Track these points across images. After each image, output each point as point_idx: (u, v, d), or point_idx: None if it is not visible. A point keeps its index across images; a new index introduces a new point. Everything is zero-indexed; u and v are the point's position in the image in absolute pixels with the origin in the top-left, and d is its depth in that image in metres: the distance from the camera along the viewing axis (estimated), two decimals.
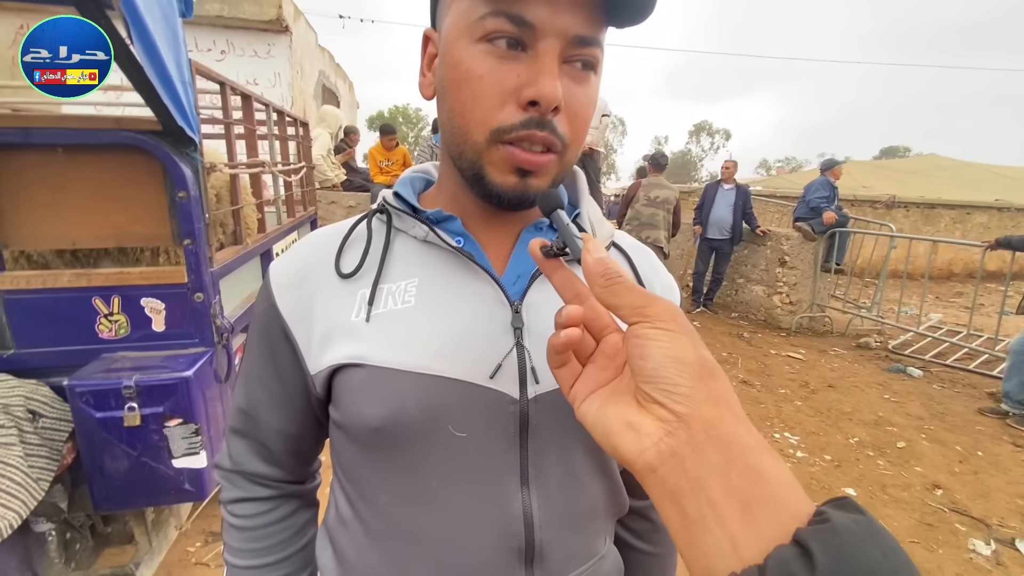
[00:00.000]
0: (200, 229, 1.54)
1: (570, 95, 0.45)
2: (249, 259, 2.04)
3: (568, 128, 0.46)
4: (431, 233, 0.52)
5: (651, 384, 0.32)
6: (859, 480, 2.84)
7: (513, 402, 0.50)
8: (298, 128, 3.23)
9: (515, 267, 0.55)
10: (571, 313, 0.37)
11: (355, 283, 0.53)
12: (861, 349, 5.13)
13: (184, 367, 1.45)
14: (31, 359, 1.50)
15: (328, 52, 8.02)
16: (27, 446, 1.41)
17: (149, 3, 1.26)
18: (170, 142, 1.46)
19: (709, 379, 0.31)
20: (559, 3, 0.42)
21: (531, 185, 0.47)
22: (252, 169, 2.12)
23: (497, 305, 0.51)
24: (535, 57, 0.43)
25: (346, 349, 0.50)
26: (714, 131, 50.23)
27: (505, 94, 0.44)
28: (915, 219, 9.41)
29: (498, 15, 0.43)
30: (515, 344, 0.50)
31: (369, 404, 0.49)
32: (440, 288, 0.52)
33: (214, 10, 5.52)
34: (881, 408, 3.75)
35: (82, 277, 1.49)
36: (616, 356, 0.38)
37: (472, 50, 0.45)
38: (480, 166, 0.47)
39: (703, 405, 0.30)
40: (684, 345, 0.32)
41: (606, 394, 0.36)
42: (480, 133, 0.46)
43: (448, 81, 0.47)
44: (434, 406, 0.48)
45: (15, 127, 1.40)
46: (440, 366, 0.49)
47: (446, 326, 0.50)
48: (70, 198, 1.48)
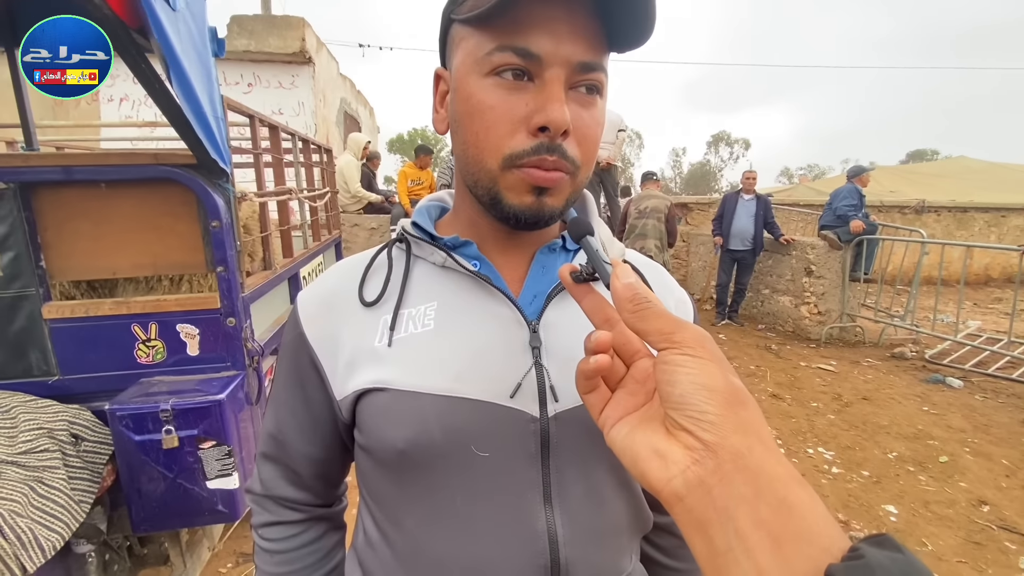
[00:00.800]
0: (232, 256, 1.60)
1: (577, 118, 0.47)
2: (278, 283, 2.10)
3: (578, 150, 0.48)
4: (449, 259, 0.54)
5: (679, 411, 0.32)
6: (900, 497, 2.72)
7: (533, 420, 0.51)
8: (322, 155, 3.33)
9: (531, 287, 0.56)
10: (600, 339, 0.37)
11: (377, 310, 0.55)
12: (896, 359, 4.96)
13: (217, 390, 1.49)
14: (74, 385, 1.57)
15: (349, 80, 8.28)
16: (70, 469, 1.46)
17: (185, 46, 1.33)
18: (204, 174, 1.53)
19: (738, 407, 0.31)
20: (561, 34, 0.45)
21: (546, 204, 0.49)
22: (280, 196, 2.20)
23: (515, 325, 0.53)
24: (542, 86, 0.46)
25: (370, 374, 0.52)
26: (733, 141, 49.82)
27: (515, 122, 0.46)
28: (947, 223, 9.12)
29: (504, 49, 0.45)
30: (533, 363, 0.51)
31: (393, 427, 0.50)
32: (458, 311, 0.54)
33: (241, 46, 5.77)
34: (920, 421, 3.60)
35: (122, 305, 1.56)
36: (646, 382, 0.38)
37: (482, 83, 0.47)
38: (496, 191, 0.49)
39: (731, 433, 0.30)
40: (712, 372, 0.32)
41: (636, 420, 0.36)
42: (494, 160, 0.48)
43: (461, 114, 0.50)
44: (456, 427, 0.50)
45: (67, 165, 1.49)
46: (461, 387, 0.50)
47: (465, 348, 0.52)
48: (111, 230, 1.56)
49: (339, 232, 3.69)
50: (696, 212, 8.51)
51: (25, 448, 1.42)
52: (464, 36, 0.49)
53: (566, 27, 0.45)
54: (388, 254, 0.59)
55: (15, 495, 1.32)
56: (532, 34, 0.45)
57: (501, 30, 0.45)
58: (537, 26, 0.44)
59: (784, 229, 6.15)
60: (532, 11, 0.44)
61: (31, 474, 1.39)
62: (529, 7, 0.44)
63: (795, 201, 9.76)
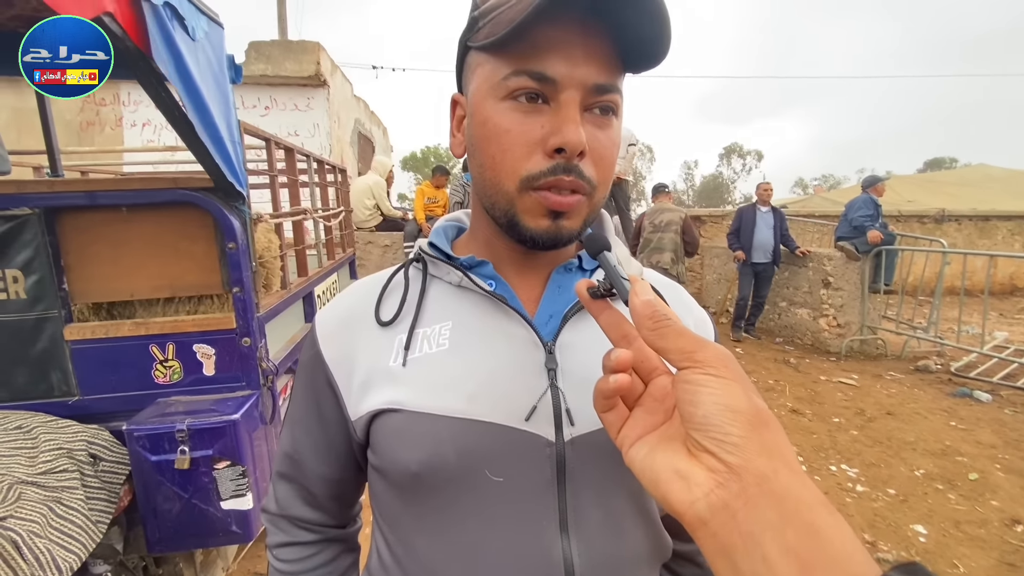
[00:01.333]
0: (248, 277, 1.62)
1: (593, 139, 0.47)
2: (292, 302, 2.13)
3: (594, 171, 0.48)
4: (464, 278, 0.54)
5: (702, 432, 0.31)
6: (928, 516, 2.63)
7: (549, 445, 0.50)
8: (336, 175, 3.39)
9: (547, 308, 0.56)
10: (620, 358, 0.36)
11: (393, 329, 0.55)
12: (920, 373, 4.83)
13: (232, 411, 1.51)
14: (93, 405, 1.59)
15: (363, 101, 8.45)
16: (88, 489, 1.48)
17: (204, 74, 1.38)
18: (220, 197, 1.57)
19: (763, 429, 0.30)
20: (576, 57, 0.45)
21: (563, 227, 0.49)
22: (295, 217, 2.23)
23: (530, 346, 0.52)
24: (558, 108, 0.46)
25: (384, 395, 0.52)
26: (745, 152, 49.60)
27: (532, 144, 0.47)
28: (969, 232, 8.93)
29: (520, 74, 0.46)
30: (549, 385, 0.51)
31: (406, 449, 0.50)
32: (473, 331, 0.53)
33: (259, 70, 5.94)
34: (948, 436, 3.49)
35: (141, 326, 1.59)
36: (665, 400, 0.37)
37: (498, 107, 0.48)
38: (513, 213, 0.50)
39: (756, 456, 0.29)
40: (736, 393, 0.31)
41: (655, 440, 0.36)
42: (511, 182, 0.48)
43: (478, 138, 0.50)
44: (470, 451, 0.49)
45: (90, 190, 1.54)
46: (475, 409, 0.50)
47: (480, 368, 0.51)
48: (130, 253, 1.60)
49: (353, 250, 3.74)
50: (710, 225, 8.45)
51: (45, 468, 1.44)
52: (480, 62, 0.50)
53: (581, 50, 0.45)
54: (405, 274, 0.59)
55: (34, 515, 1.34)
56: (547, 58, 0.45)
57: (517, 55, 0.46)
58: (552, 50, 0.45)
59: (800, 240, 6.09)
60: (547, 35, 0.45)
61: (50, 494, 1.41)
62: (544, 31, 0.45)
63: (810, 212, 9.66)
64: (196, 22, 1.33)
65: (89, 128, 6.13)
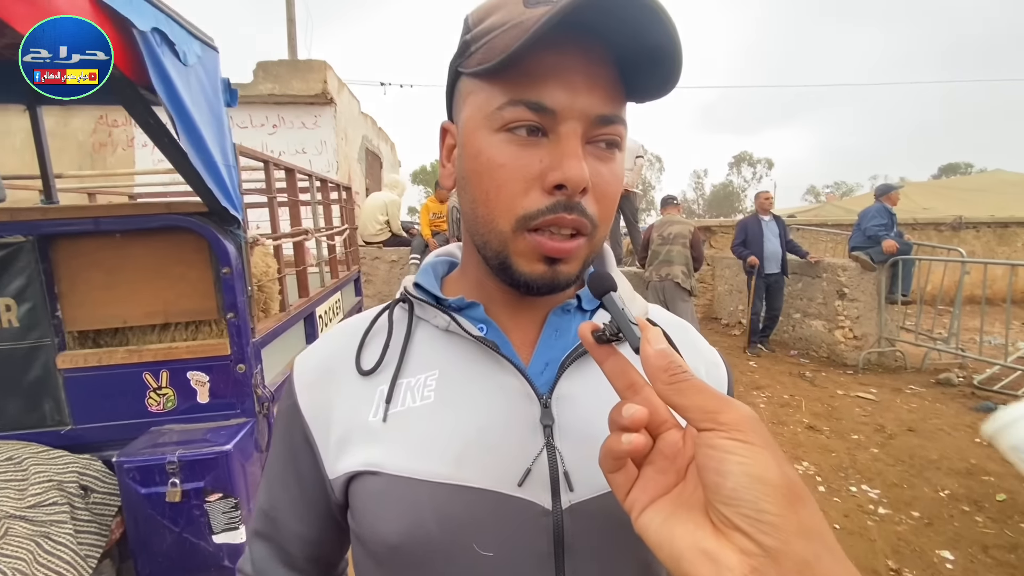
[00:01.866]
0: (243, 302, 1.59)
1: (596, 175, 0.43)
2: (291, 325, 2.09)
3: (597, 208, 0.44)
4: (453, 323, 0.49)
5: (731, 507, 0.28)
6: (955, 540, 2.50)
7: (545, 514, 0.44)
8: (340, 193, 3.38)
9: (542, 354, 0.50)
10: (635, 416, 0.33)
11: (375, 379, 0.50)
12: (942, 386, 4.67)
13: (225, 440, 1.47)
14: (86, 434, 1.57)
15: (370, 118, 8.54)
16: (77, 523, 1.44)
17: (196, 98, 1.36)
18: (215, 221, 1.54)
19: (799, 505, 0.27)
20: (578, 87, 0.41)
21: (560, 272, 0.45)
22: (295, 238, 2.21)
23: (523, 399, 0.47)
24: (557, 141, 0.42)
25: (362, 455, 0.47)
26: (755, 161, 49.38)
27: (529, 180, 0.43)
28: (988, 240, 8.73)
29: (516, 104, 0.42)
30: (545, 444, 0.45)
31: (385, 518, 0.45)
32: (461, 381, 0.48)
33: (266, 89, 6.03)
34: (973, 454, 3.35)
35: (134, 353, 1.56)
36: (677, 458, 0.33)
37: (492, 139, 0.44)
38: (506, 256, 0.45)
39: (795, 538, 0.26)
40: (767, 462, 0.28)
41: (670, 505, 0.32)
42: (505, 222, 0.44)
43: (469, 172, 0.46)
44: (455, 521, 0.44)
45: (83, 217, 1.52)
46: (461, 474, 0.44)
47: (468, 426, 0.46)
48: (124, 279, 1.58)
49: (358, 267, 3.72)
50: (720, 235, 8.35)
51: (34, 502, 1.40)
52: (472, 90, 0.46)
53: (583, 78, 0.42)
54: (389, 316, 0.54)
55: (20, 552, 1.30)
56: (546, 87, 0.41)
57: (512, 83, 0.42)
58: (551, 78, 0.41)
59: (813, 250, 5.98)
60: (546, 62, 0.41)
61: (38, 529, 1.37)
62: (543, 58, 0.41)
63: (823, 221, 9.53)
64: (188, 47, 1.31)
65: (102, 149, 6.24)
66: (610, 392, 0.37)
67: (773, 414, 4.14)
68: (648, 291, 4.94)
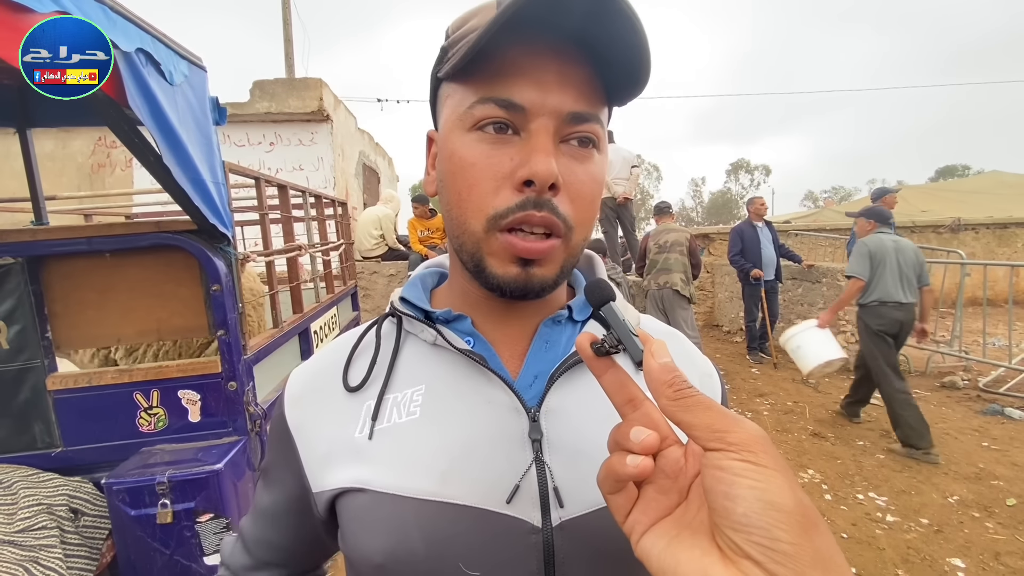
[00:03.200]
0: (233, 319, 1.58)
1: (569, 173, 0.43)
2: (285, 341, 2.08)
3: (571, 208, 0.43)
4: (439, 337, 0.48)
5: (742, 534, 0.26)
6: (966, 548, 2.45)
7: (534, 531, 0.43)
8: (335, 208, 3.39)
9: (531, 367, 0.49)
10: (648, 443, 0.31)
11: (361, 395, 0.49)
12: (947, 389, 4.63)
13: (216, 459, 1.45)
14: (77, 456, 1.55)
15: (368, 134, 8.59)
16: (67, 547, 1.42)
17: (184, 117, 1.36)
18: (204, 239, 1.54)
19: (813, 533, 0.26)
20: (548, 83, 0.41)
21: (535, 275, 0.44)
22: (288, 254, 2.21)
23: (511, 413, 0.45)
24: (528, 138, 0.42)
25: (348, 472, 0.46)
26: (753, 168, 49.57)
27: (499, 179, 0.42)
28: (987, 241, 8.72)
29: (486, 102, 0.42)
30: (534, 459, 0.44)
31: (369, 536, 0.43)
32: (447, 396, 0.47)
33: (263, 108, 6.08)
34: (981, 458, 3.30)
35: (124, 373, 1.55)
36: (679, 476, 0.32)
37: (464, 139, 0.44)
38: (480, 257, 0.45)
39: (810, 569, 0.25)
40: (780, 486, 0.26)
41: (673, 528, 0.31)
42: (477, 222, 0.43)
43: (445, 173, 0.46)
44: (441, 539, 0.42)
45: (72, 237, 1.52)
46: (447, 491, 0.43)
47: (454, 441, 0.45)
48: (116, 298, 1.57)
49: (355, 282, 3.72)
50: (718, 242, 8.34)
51: (23, 526, 1.38)
52: (449, 93, 0.46)
53: (554, 76, 0.41)
54: (377, 331, 0.53)
55: None
56: (515, 84, 0.41)
57: (483, 82, 0.42)
58: (521, 75, 0.41)
59: (812, 256, 5.98)
60: (515, 59, 0.41)
61: (27, 554, 1.35)
62: (511, 56, 0.41)
63: (821, 226, 9.52)
64: (174, 66, 1.32)
65: (100, 170, 6.28)
66: (601, 405, 0.36)
67: (777, 421, 4.10)
68: (647, 300, 4.93)
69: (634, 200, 6.13)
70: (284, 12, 8.63)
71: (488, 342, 0.50)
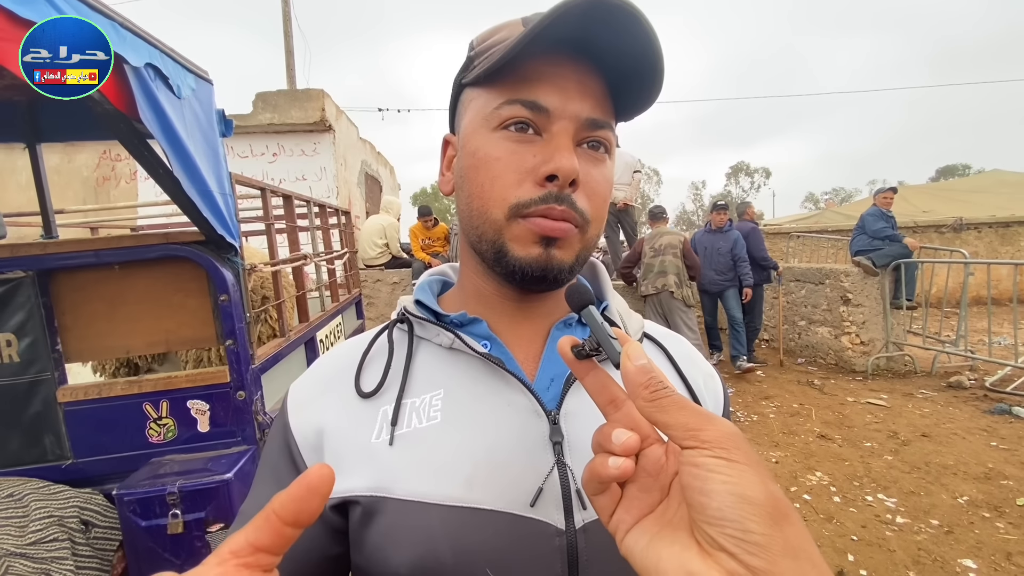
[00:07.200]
0: (241, 329, 1.59)
1: (586, 174, 0.46)
2: (292, 350, 2.09)
3: (588, 204, 0.46)
4: (457, 340, 0.49)
5: (716, 527, 0.27)
6: (977, 548, 2.44)
7: (559, 534, 0.43)
8: (339, 217, 3.41)
9: (547, 369, 0.50)
10: (629, 444, 0.32)
11: (376, 401, 0.49)
12: (953, 389, 4.61)
13: (225, 469, 1.45)
14: (87, 468, 1.55)
15: (369, 143, 8.65)
16: (79, 559, 1.42)
17: (191, 130, 1.38)
18: (212, 249, 1.55)
19: (784, 524, 0.27)
20: (570, 91, 0.45)
21: (555, 256, 0.46)
22: (293, 263, 2.22)
23: (532, 416, 0.46)
24: (550, 138, 0.45)
25: (363, 479, 0.45)
26: (753, 170, 49.61)
27: (523, 172, 0.45)
28: (990, 240, 8.70)
29: (513, 103, 0.45)
30: (555, 462, 0.44)
31: (395, 548, 0.43)
32: (467, 400, 0.47)
33: (266, 119, 6.13)
34: (990, 458, 3.28)
35: (134, 384, 1.56)
36: (660, 474, 0.33)
37: (490, 137, 0.47)
38: (502, 243, 0.46)
39: (781, 558, 0.26)
40: (751, 480, 0.27)
41: (654, 525, 0.31)
42: (499, 210, 0.46)
43: (467, 168, 0.49)
44: (468, 547, 0.42)
45: (82, 250, 1.54)
46: (473, 496, 0.43)
47: (477, 445, 0.45)
48: (125, 310, 1.58)
49: (359, 290, 3.73)
50: None
51: (35, 539, 1.39)
52: (473, 97, 0.49)
53: (575, 84, 0.45)
54: (389, 336, 0.53)
55: None
56: (540, 88, 0.45)
57: (510, 86, 0.46)
58: (545, 82, 0.45)
59: (815, 257, 5.96)
60: (540, 68, 0.45)
61: (39, 566, 1.35)
62: (537, 64, 0.45)
63: (823, 228, 9.53)
64: (182, 80, 1.34)
65: (105, 183, 6.33)
66: None
67: (783, 424, 4.08)
68: (646, 305, 4.94)
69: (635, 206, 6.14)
70: (285, 24, 8.72)
71: (504, 345, 0.50)
